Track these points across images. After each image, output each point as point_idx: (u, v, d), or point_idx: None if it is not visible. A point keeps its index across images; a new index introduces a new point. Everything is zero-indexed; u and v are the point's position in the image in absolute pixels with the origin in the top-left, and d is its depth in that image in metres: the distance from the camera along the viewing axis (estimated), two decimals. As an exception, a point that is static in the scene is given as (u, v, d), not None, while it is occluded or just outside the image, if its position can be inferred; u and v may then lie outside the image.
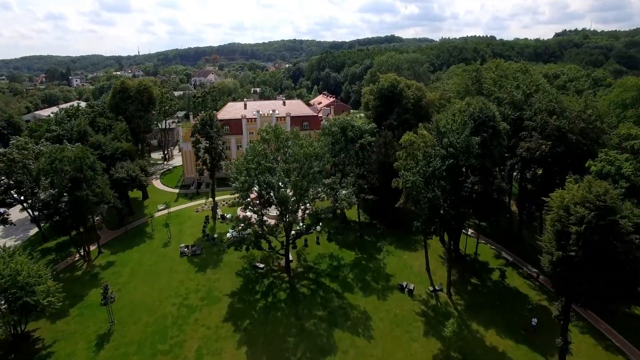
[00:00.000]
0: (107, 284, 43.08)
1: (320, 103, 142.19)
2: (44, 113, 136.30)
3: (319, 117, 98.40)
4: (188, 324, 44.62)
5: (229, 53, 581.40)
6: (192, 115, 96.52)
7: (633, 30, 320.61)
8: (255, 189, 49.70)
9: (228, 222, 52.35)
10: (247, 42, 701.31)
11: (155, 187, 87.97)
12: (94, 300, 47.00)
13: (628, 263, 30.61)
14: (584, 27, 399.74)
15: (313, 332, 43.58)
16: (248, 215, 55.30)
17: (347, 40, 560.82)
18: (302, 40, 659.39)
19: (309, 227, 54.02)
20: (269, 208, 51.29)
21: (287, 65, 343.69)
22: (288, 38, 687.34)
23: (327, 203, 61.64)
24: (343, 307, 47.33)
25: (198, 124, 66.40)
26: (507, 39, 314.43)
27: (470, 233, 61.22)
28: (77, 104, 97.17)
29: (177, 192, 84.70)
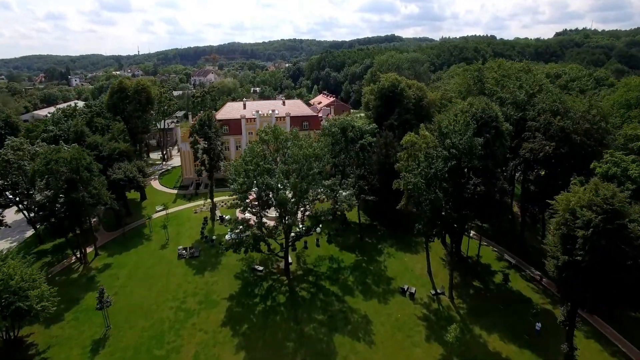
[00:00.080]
0: (102, 288, 42.25)
1: (320, 103, 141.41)
2: (43, 113, 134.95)
3: (319, 117, 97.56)
4: (185, 329, 43.78)
5: (229, 53, 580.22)
6: (191, 115, 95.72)
7: (634, 30, 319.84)
8: (254, 191, 48.89)
9: (226, 223, 51.45)
10: (247, 41, 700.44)
11: (154, 187, 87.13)
12: (90, 304, 46.14)
13: (637, 268, 29.80)
14: (585, 26, 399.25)
15: (313, 336, 42.75)
16: (247, 217, 54.45)
17: (347, 40, 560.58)
18: (302, 40, 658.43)
19: (309, 229, 53.19)
20: (268, 210, 50.44)
21: (287, 65, 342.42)
22: (288, 38, 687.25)
23: (327, 204, 60.77)
24: (343, 311, 46.51)
25: (196, 125, 65.56)
26: (507, 39, 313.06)
27: (472, 235, 60.37)
28: (74, 104, 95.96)
29: (175, 192, 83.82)
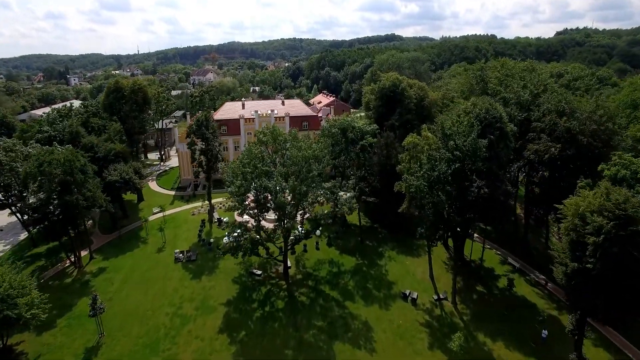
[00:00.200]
0: (96, 295, 40.98)
1: (320, 102, 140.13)
2: (40, 112, 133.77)
3: (319, 117, 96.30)
4: (181, 336, 42.55)
5: (229, 52, 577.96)
6: (189, 115, 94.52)
7: (635, 29, 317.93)
8: (252, 193, 47.66)
9: (224, 226, 50.20)
10: (246, 41, 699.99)
11: (151, 189, 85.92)
12: (83, 311, 44.80)
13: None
14: (585, 25, 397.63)
15: (312, 344, 41.56)
16: (245, 220, 53.25)
17: (347, 39, 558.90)
18: (302, 39, 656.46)
19: (308, 232, 51.94)
20: (266, 213, 49.20)
21: (286, 64, 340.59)
22: (288, 37, 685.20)
23: (327, 207, 59.55)
24: (343, 317, 45.31)
25: (194, 125, 64.38)
26: (508, 38, 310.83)
27: (475, 237, 59.16)
28: (69, 104, 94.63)
29: (173, 194, 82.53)
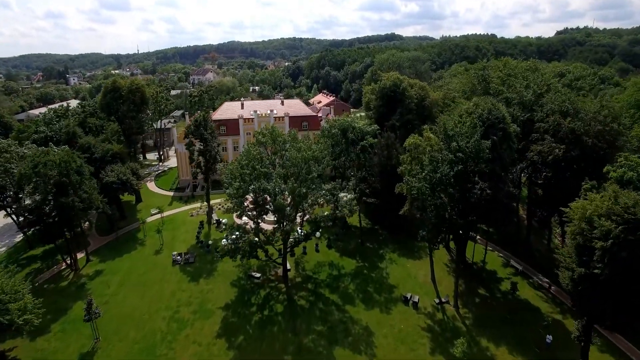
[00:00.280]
0: (91, 299, 40.12)
1: (320, 102, 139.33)
2: (38, 112, 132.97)
3: (319, 117, 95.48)
4: (178, 341, 41.73)
5: (229, 51, 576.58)
6: (187, 115, 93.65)
7: (636, 28, 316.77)
8: (250, 195, 46.82)
9: (223, 229, 49.35)
10: (246, 40, 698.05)
11: (150, 189, 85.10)
12: (79, 315, 43.96)
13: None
14: (585, 25, 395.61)
15: (312, 349, 40.73)
16: (244, 222, 52.43)
17: (347, 39, 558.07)
18: (301, 39, 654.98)
19: (308, 235, 51.10)
20: (265, 215, 48.34)
21: (286, 64, 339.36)
22: (288, 36, 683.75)
23: (327, 208, 58.69)
24: (344, 321, 44.47)
25: (192, 125, 63.50)
26: (508, 37, 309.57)
27: (478, 239, 58.31)
28: (66, 104, 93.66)
29: (171, 195, 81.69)
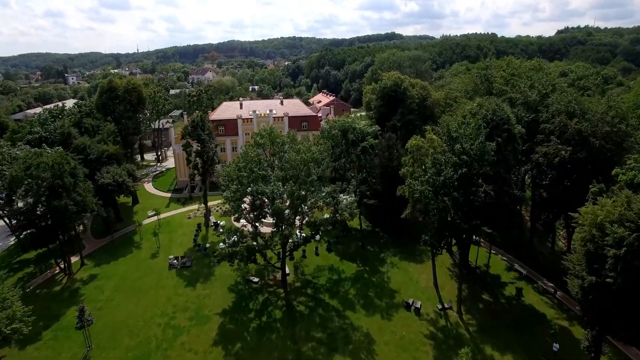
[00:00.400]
0: (83, 306, 38.81)
1: (320, 102, 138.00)
2: (36, 112, 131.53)
3: (318, 117, 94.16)
4: (173, 349, 40.56)
5: (228, 50, 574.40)
6: (186, 115, 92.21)
7: (638, 27, 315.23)
8: (248, 199, 45.59)
9: (220, 232, 48.05)
10: (246, 39, 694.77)
11: (147, 191, 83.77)
12: (72, 322, 42.65)
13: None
14: (585, 24, 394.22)
15: (311, 357, 39.60)
16: (242, 225, 51.16)
17: (347, 38, 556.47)
18: (301, 38, 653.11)
19: (307, 238, 49.85)
20: (263, 219, 47.09)
21: (286, 63, 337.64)
22: (288, 35, 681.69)
23: (327, 211, 57.40)
24: (344, 328, 43.28)
25: (189, 126, 62.23)
26: (508, 36, 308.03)
27: (480, 242, 57.02)
28: (61, 104, 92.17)
29: (169, 196, 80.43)
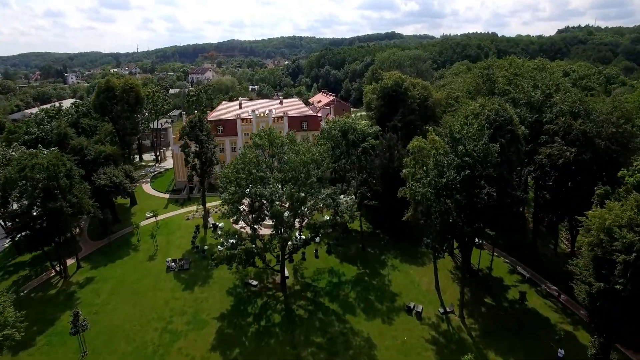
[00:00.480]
0: (77, 311, 37.96)
1: (320, 102, 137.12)
2: (34, 111, 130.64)
3: (318, 117, 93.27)
4: (170, 354, 39.75)
5: (228, 50, 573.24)
6: (184, 115, 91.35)
7: (639, 27, 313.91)
8: (247, 201, 44.76)
9: (218, 235, 47.21)
10: (246, 39, 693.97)
11: (145, 191, 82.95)
12: (66, 326, 41.58)
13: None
14: (586, 23, 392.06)
15: (311, 363, 38.77)
16: (241, 226, 50.39)
17: (347, 37, 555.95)
18: (301, 37, 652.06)
19: (307, 241, 49.05)
20: (262, 222, 46.27)
21: (286, 62, 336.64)
22: (287, 35, 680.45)
23: (327, 212, 56.56)
24: (344, 332, 42.45)
25: (187, 126, 61.35)
26: (509, 36, 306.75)
27: (483, 246, 56.19)
28: (58, 104, 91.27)
29: (167, 197, 79.60)
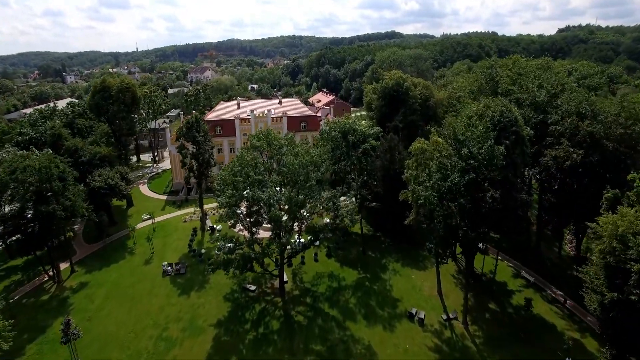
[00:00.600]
0: (68, 319, 36.65)
1: (320, 101, 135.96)
2: (26, 112, 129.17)
3: (318, 117, 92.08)
4: (165, 363, 38.55)
5: (228, 49, 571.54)
6: (182, 115, 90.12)
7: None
8: (244, 204, 43.51)
9: (217, 237, 45.94)
10: (246, 38, 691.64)
11: (142, 193, 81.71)
12: (58, 334, 39.81)
13: None
14: (586, 23, 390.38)
15: (310, 372, 37.57)
16: (238, 230, 49.11)
17: (347, 37, 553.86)
18: (301, 37, 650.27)
19: (306, 245, 47.82)
20: (260, 227, 45.03)
21: (285, 62, 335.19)
22: (287, 34, 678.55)
23: (327, 215, 55.32)
24: (344, 340, 41.20)
25: (183, 127, 60.09)
26: (509, 35, 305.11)
27: (488, 251, 54.93)
28: (53, 105, 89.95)
29: (164, 199, 78.35)
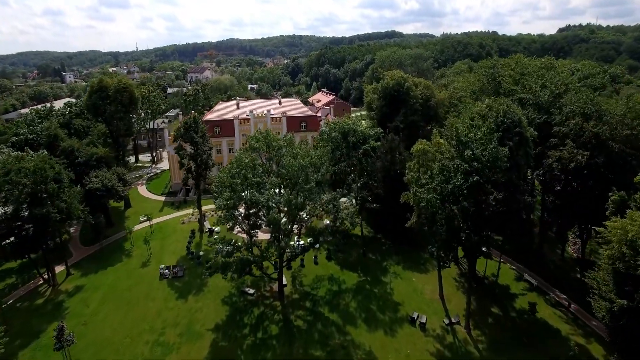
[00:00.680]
0: (62, 325, 35.88)
1: (320, 101, 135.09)
2: (22, 112, 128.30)
3: (318, 117, 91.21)
4: (161, 369, 37.73)
5: (228, 49, 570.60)
6: (181, 115, 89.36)
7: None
8: (242, 207, 42.66)
9: (213, 242, 45.12)
10: (246, 37, 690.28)
11: (140, 194, 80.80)
12: (52, 340, 39.47)
13: None
14: (586, 22, 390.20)
15: (309, 379, 36.76)
16: (237, 232, 48.32)
17: (347, 36, 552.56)
18: (301, 36, 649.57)
19: (305, 248, 46.97)
20: (258, 230, 44.19)
21: (285, 61, 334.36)
22: (287, 34, 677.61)
23: (327, 217, 54.48)
24: (344, 345, 40.38)
25: (181, 128, 59.22)
26: (510, 35, 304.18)
27: (492, 255, 54.09)
28: (49, 105, 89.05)
29: (163, 200, 77.47)
